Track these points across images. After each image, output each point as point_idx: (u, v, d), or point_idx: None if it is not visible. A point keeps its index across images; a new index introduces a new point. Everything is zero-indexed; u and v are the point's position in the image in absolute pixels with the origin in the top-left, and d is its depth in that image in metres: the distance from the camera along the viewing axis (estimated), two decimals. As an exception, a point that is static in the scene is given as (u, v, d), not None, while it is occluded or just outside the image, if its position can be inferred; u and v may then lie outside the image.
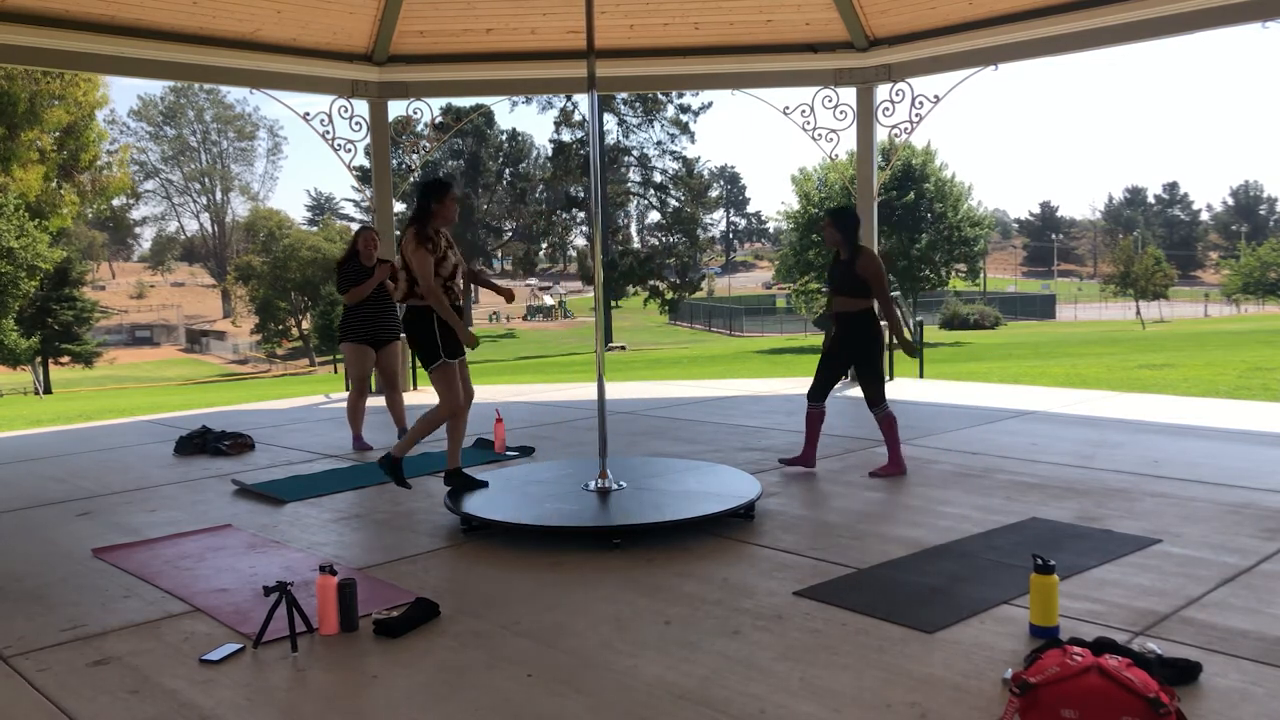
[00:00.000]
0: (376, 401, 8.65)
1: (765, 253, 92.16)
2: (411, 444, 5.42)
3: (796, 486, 5.83)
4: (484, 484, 5.47)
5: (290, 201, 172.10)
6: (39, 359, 36.91)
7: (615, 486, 5.31)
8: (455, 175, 63.99)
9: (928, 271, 35.45)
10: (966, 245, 35.46)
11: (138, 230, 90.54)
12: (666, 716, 2.89)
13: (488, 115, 61.37)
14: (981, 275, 53.58)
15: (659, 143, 52.84)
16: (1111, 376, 12.98)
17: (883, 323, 6.24)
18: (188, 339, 70.89)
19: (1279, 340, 22.02)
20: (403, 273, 5.27)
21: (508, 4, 10.06)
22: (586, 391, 11.26)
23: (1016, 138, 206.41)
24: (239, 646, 3.50)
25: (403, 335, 5.77)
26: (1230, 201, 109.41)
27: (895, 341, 6.04)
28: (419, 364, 7.32)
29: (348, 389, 8.58)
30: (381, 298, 7.45)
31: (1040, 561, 3.37)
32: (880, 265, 5.97)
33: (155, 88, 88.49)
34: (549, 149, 55.95)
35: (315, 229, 61.73)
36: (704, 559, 4.44)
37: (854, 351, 6.10)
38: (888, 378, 10.98)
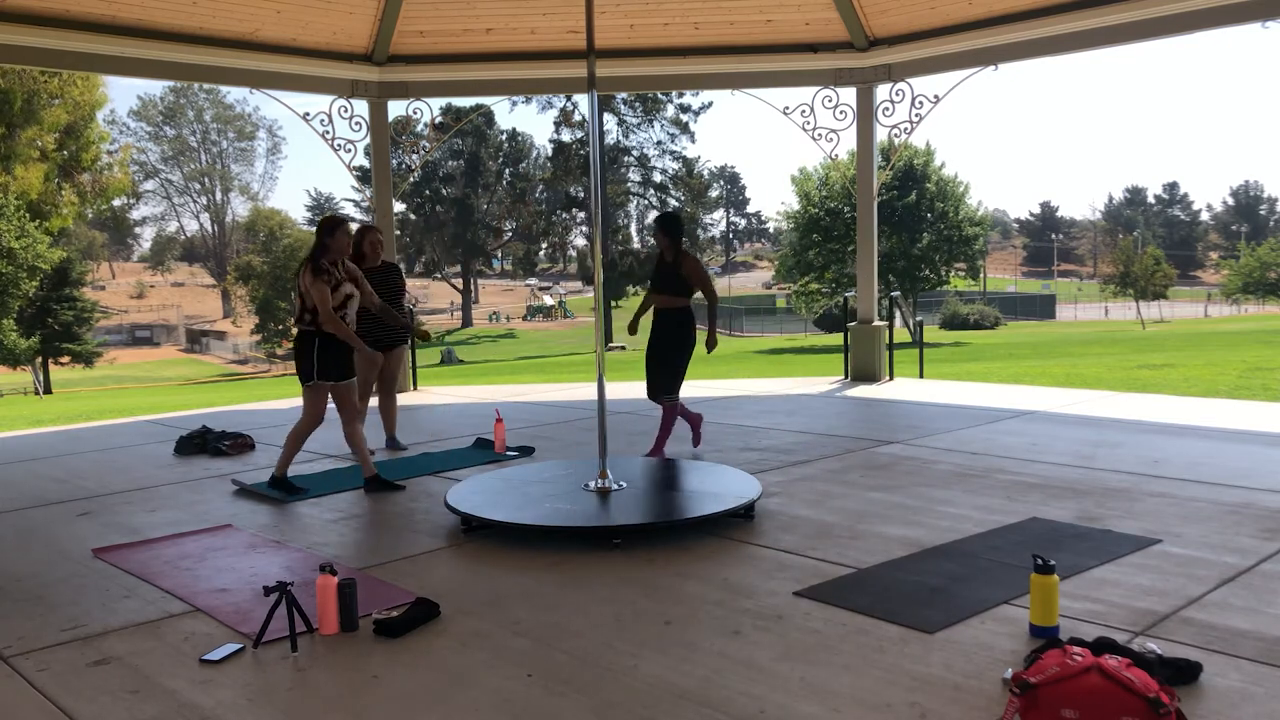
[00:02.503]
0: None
1: (765, 253, 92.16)
2: (288, 461, 6.06)
3: (797, 486, 5.83)
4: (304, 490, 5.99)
5: (290, 201, 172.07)
6: (39, 359, 36.90)
7: (615, 486, 5.30)
8: (455, 175, 63.99)
9: (927, 271, 35.46)
10: (967, 244, 35.47)
11: (138, 230, 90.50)
12: (667, 716, 2.89)
13: (488, 115, 61.36)
14: (981, 275, 53.57)
15: (659, 143, 52.89)
16: (1111, 376, 12.98)
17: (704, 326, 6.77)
18: (188, 339, 70.86)
19: (1279, 340, 22.01)
20: (299, 299, 5.83)
21: (508, 4, 10.06)
22: (586, 391, 11.26)
23: (1016, 138, 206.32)
24: (239, 646, 3.50)
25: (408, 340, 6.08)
26: (1230, 201, 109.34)
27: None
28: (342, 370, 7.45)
29: None
30: (391, 301, 7.38)
31: (1040, 561, 3.37)
32: (703, 266, 6.72)
33: (155, 88, 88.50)
34: (549, 149, 56.00)
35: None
36: (704, 559, 4.44)
37: (668, 346, 6.62)
38: (887, 377, 11.01)
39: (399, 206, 59.27)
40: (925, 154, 35.16)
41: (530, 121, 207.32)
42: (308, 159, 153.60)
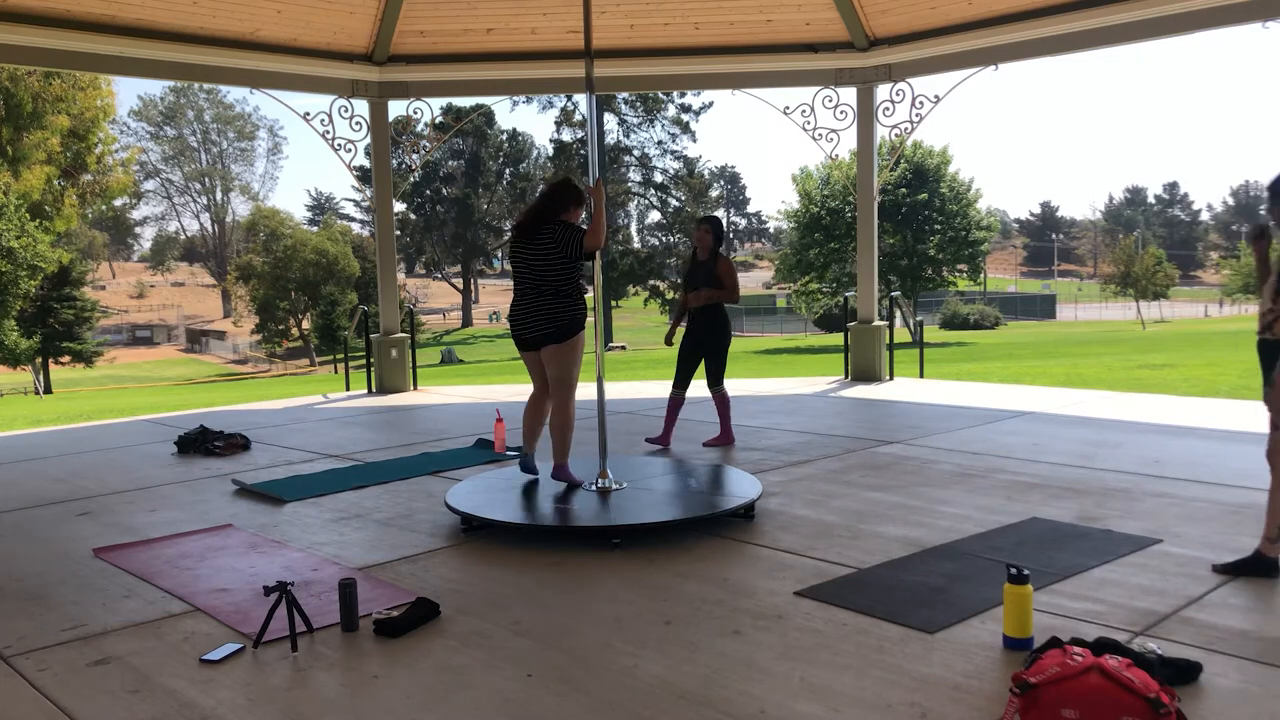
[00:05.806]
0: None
1: (765, 253, 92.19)
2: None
3: (796, 486, 5.83)
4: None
5: (291, 201, 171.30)
6: (39, 359, 36.89)
7: (615, 486, 5.31)
8: (455, 175, 64.01)
9: (930, 271, 35.47)
10: (973, 246, 35.50)
11: (138, 230, 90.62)
12: (667, 716, 2.89)
13: (488, 115, 61.35)
14: (982, 275, 53.58)
15: (660, 142, 52.95)
16: (1111, 376, 12.97)
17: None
18: (188, 339, 70.86)
19: (1279, 340, 21.96)
20: None
21: (508, 4, 10.06)
22: (587, 391, 11.22)
23: (1016, 138, 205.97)
24: (239, 646, 3.50)
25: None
26: (1230, 201, 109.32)
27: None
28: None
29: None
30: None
31: (1015, 571, 3.28)
32: (734, 268, 7.22)
33: (155, 88, 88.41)
34: (549, 149, 56.02)
35: (316, 229, 61.59)
36: (704, 559, 4.44)
37: (710, 340, 7.17)
38: (887, 377, 11.02)
39: (399, 206, 59.24)
40: (941, 156, 35.12)
41: (531, 121, 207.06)
42: (308, 159, 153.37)
